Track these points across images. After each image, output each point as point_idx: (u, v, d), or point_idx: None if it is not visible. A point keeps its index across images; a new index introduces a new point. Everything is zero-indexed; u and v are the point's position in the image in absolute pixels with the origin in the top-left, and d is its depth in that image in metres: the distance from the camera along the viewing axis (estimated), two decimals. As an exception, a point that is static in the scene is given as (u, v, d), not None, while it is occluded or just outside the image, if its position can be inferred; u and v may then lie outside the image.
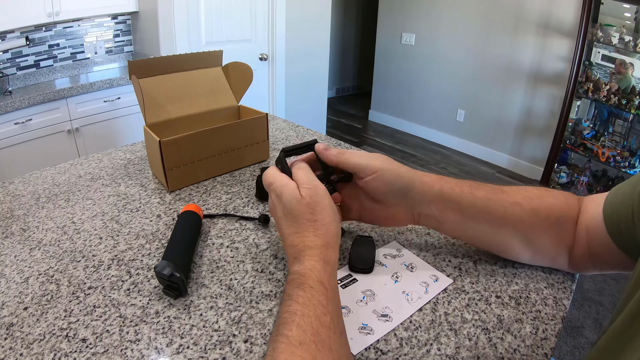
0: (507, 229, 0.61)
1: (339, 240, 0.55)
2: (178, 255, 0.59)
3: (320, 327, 0.41)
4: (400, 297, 0.59)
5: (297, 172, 0.57)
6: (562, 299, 0.61)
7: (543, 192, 0.62)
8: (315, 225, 0.53)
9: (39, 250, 0.67)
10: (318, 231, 0.52)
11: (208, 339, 0.51)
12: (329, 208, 0.54)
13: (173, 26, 2.68)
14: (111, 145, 2.67)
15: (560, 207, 0.60)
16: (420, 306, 0.57)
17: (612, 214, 0.53)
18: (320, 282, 0.46)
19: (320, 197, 0.54)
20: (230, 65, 1.04)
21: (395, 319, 0.55)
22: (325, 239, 0.52)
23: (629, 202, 0.50)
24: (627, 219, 0.50)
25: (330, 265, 0.50)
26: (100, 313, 0.54)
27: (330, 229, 0.53)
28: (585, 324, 2.09)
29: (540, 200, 0.61)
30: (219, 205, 0.82)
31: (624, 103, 2.89)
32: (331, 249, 0.52)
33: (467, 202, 0.61)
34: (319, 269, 0.48)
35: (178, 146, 0.84)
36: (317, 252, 0.50)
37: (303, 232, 0.53)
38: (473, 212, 0.61)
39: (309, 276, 0.47)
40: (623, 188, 0.54)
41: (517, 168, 3.92)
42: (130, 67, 0.89)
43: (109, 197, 0.84)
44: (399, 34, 4.59)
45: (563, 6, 3.26)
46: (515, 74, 3.70)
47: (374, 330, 0.53)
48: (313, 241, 0.51)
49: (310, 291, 0.45)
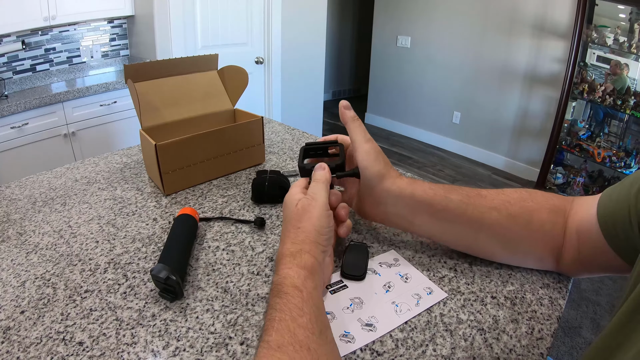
0: (486, 233, 0.63)
1: (324, 244, 0.56)
2: (174, 259, 0.59)
3: (297, 328, 0.43)
4: (389, 308, 0.58)
5: (312, 184, 0.61)
6: (558, 298, 0.61)
7: (525, 196, 0.63)
8: (297, 232, 0.54)
9: (36, 254, 0.67)
10: (297, 238, 0.54)
11: (204, 342, 0.51)
12: (315, 218, 0.55)
13: (169, 30, 2.68)
14: (107, 149, 2.68)
15: (541, 212, 0.61)
16: (408, 318, 0.56)
17: (608, 217, 0.53)
18: (294, 286, 0.48)
19: (313, 207, 0.56)
20: (226, 68, 1.04)
21: (379, 330, 0.54)
22: (302, 245, 0.53)
23: (625, 204, 0.50)
24: (624, 221, 0.50)
25: (307, 269, 0.51)
26: (96, 316, 0.54)
27: (310, 236, 0.54)
28: (582, 324, 2.10)
29: (521, 204, 0.61)
30: (215, 209, 0.82)
31: (619, 104, 2.90)
32: (307, 253, 0.52)
33: (440, 205, 0.62)
34: (293, 275, 0.49)
35: (174, 150, 0.84)
36: (291, 259, 0.52)
37: (284, 240, 0.55)
38: (446, 215, 0.63)
39: (284, 283, 0.48)
40: (617, 190, 0.54)
41: (514, 169, 3.93)
42: (126, 71, 0.89)
43: (105, 200, 0.85)
44: (394, 36, 4.60)
45: (558, 8, 3.28)
46: (511, 75, 3.72)
47: (355, 339, 0.52)
48: (289, 249, 0.53)
49: (286, 297, 0.46)
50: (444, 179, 3.78)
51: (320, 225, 0.55)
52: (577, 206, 0.61)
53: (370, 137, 0.66)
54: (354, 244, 0.68)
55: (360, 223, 0.78)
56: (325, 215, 0.56)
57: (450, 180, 3.76)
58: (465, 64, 4.05)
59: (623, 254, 0.52)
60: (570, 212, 0.61)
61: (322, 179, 0.61)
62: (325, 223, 0.56)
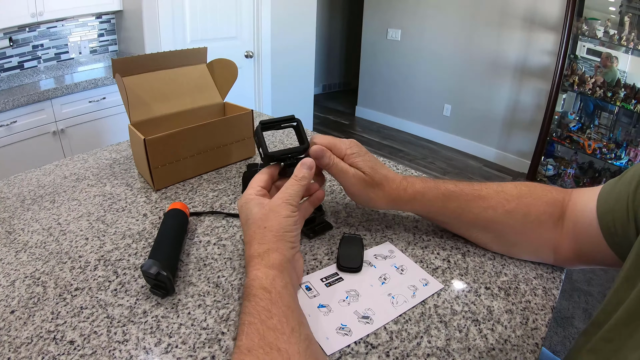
0: (480, 229, 0.66)
1: (292, 241, 0.55)
2: (165, 254, 0.59)
3: (266, 330, 0.43)
4: (385, 300, 0.58)
5: (293, 184, 0.58)
6: (552, 289, 0.62)
7: (524, 191, 0.64)
8: (263, 232, 0.54)
9: (25, 253, 0.66)
10: (264, 238, 0.53)
11: (197, 338, 0.51)
12: (283, 217, 0.54)
13: (158, 24, 2.66)
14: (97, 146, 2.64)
15: (538, 205, 0.62)
16: (404, 310, 0.56)
17: (607, 213, 0.54)
18: (262, 288, 0.48)
19: (282, 208, 0.55)
20: (215, 62, 1.03)
21: (376, 322, 0.54)
22: (269, 244, 0.53)
23: (624, 200, 0.51)
24: (623, 217, 0.51)
25: (276, 268, 0.51)
26: (87, 314, 0.54)
27: (277, 234, 0.53)
28: (575, 314, 2.11)
29: (518, 201, 0.63)
30: (205, 203, 0.81)
31: (609, 96, 2.92)
32: (275, 252, 0.52)
33: (437, 217, 0.69)
34: (261, 276, 0.49)
35: (163, 144, 0.83)
36: (259, 260, 0.51)
37: (250, 242, 0.54)
38: (443, 219, 0.70)
39: (252, 286, 0.48)
40: (617, 186, 0.54)
41: (505, 161, 3.95)
42: (114, 65, 0.88)
43: (95, 197, 0.84)
44: (384, 29, 4.59)
45: (548, 0, 3.28)
46: (501, 68, 3.73)
47: (352, 331, 0.52)
48: (256, 250, 0.53)
49: (254, 299, 0.46)
50: (435, 172, 3.79)
51: (287, 224, 0.54)
52: (575, 198, 0.61)
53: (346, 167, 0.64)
54: (348, 236, 0.68)
55: (352, 215, 0.78)
56: (293, 215, 0.55)
57: (442, 173, 3.77)
58: (456, 56, 4.05)
59: (617, 250, 0.53)
60: (568, 203, 0.62)
61: (305, 181, 0.58)
62: (292, 221, 0.55)
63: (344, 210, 0.80)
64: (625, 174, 0.54)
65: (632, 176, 0.52)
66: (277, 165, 0.65)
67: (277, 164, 0.65)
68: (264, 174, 0.62)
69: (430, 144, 4.47)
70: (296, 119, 0.67)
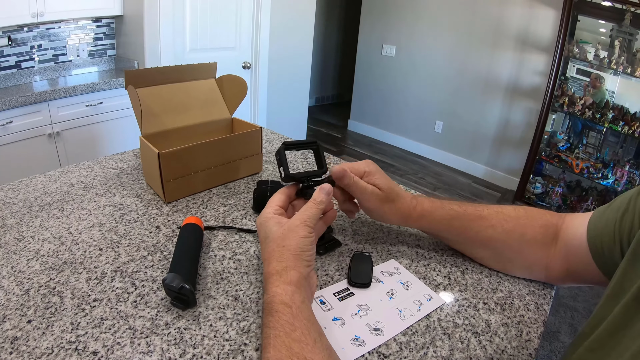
0: (479, 246, 0.72)
1: (308, 259, 0.57)
2: (185, 268, 0.61)
3: (292, 342, 0.46)
4: (394, 313, 0.62)
5: (312, 207, 0.61)
6: (543, 304, 0.67)
7: (521, 214, 0.70)
8: (282, 250, 0.56)
9: (37, 261, 0.66)
10: (282, 256, 0.56)
11: (220, 349, 0.53)
12: (300, 237, 0.57)
13: (158, 31, 2.66)
14: (93, 150, 2.65)
15: (534, 227, 0.68)
16: (411, 323, 0.60)
17: (596, 237, 0.58)
18: (283, 303, 0.50)
19: (301, 229, 0.58)
20: (225, 77, 1.06)
21: (386, 333, 0.58)
22: (287, 262, 0.55)
23: (612, 226, 0.56)
24: (610, 241, 0.55)
25: (294, 284, 0.53)
26: (108, 325, 0.55)
27: (294, 253, 0.56)
28: (561, 328, 2.16)
29: (516, 222, 0.68)
30: (217, 217, 0.83)
31: (597, 117, 2.99)
32: (293, 269, 0.54)
33: (442, 231, 0.74)
34: (280, 292, 0.52)
35: (177, 158, 0.85)
36: (277, 277, 0.54)
37: (269, 259, 0.57)
38: (447, 236, 0.75)
39: (274, 302, 0.51)
40: (606, 213, 0.59)
41: (493, 178, 4.01)
42: (127, 77, 0.90)
43: (105, 207, 0.84)
44: (379, 45, 4.65)
45: (541, 22, 3.37)
46: (493, 87, 3.80)
47: (365, 342, 0.56)
48: (275, 267, 0.55)
49: (277, 314, 0.49)
50: (425, 187, 3.83)
51: (305, 244, 0.57)
52: (568, 222, 0.66)
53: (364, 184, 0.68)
54: (358, 254, 0.72)
55: (358, 233, 0.81)
56: (310, 236, 0.58)
57: (431, 188, 3.81)
58: (449, 74, 4.12)
59: (605, 270, 0.57)
60: (562, 227, 0.67)
61: (322, 205, 0.61)
62: (309, 242, 0.58)
63: (350, 227, 0.83)
64: (614, 202, 0.59)
65: (620, 204, 0.57)
66: (294, 186, 0.68)
67: (295, 184, 0.68)
68: (282, 194, 0.65)
69: (421, 159, 4.52)
70: (317, 144, 0.71)
